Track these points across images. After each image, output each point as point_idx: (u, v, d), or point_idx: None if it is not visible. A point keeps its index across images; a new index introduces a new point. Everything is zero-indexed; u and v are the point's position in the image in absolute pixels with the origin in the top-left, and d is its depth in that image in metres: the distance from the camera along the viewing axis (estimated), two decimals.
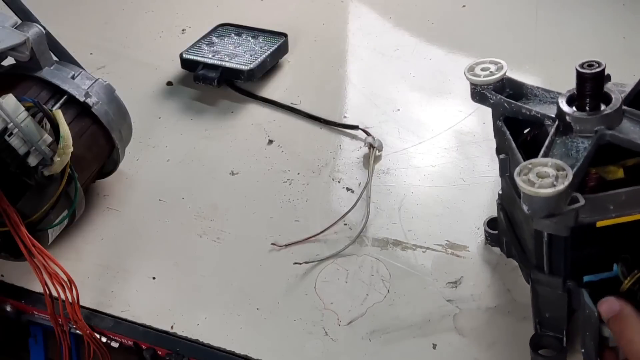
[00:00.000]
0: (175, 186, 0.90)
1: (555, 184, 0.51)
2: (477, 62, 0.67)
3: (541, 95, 0.64)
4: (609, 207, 0.54)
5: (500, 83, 0.65)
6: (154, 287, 0.79)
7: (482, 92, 0.65)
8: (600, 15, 1.09)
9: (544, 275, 0.61)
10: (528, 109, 0.61)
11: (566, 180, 0.51)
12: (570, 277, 0.60)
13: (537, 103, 0.64)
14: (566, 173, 0.51)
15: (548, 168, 0.52)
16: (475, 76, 0.65)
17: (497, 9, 1.13)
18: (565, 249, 0.58)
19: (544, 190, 0.51)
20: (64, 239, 0.83)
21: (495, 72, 0.65)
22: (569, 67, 1.00)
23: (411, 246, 0.80)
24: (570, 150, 0.56)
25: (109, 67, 1.09)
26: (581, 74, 0.56)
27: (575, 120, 0.56)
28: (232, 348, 0.73)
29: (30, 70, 0.79)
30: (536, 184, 0.51)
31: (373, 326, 0.73)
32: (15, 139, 0.70)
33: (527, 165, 0.53)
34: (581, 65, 0.56)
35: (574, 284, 0.60)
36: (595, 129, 0.56)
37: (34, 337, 0.84)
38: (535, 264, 0.62)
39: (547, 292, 0.62)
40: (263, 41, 1.05)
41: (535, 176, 0.52)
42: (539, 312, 0.65)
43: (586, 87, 0.56)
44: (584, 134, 0.56)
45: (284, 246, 0.80)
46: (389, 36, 1.11)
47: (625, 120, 0.57)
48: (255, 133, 0.97)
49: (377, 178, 0.88)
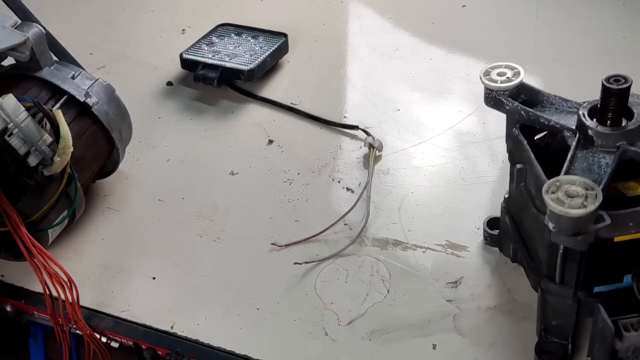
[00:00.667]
0: (175, 186, 0.90)
1: (586, 204, 0.50)
2: (492, 65, 0.66)
3: (558, 103, 0.63)
4: (629, 223, 0.54)
5: (516, 89, 0.64)
6: (154, 287, 0.79)
7: (497, 97, 0.64)
8: (600, 16, 1.09)
9: (554, 285, 0.61)
10: (547, 119, 0.61)
11: (596, 200, 0.50)
12: (581, 288, 0.59)
13: (553, 111, 0.63)
14: (595, 193, 0.51)
15: (577, 187, 0.51)
16: (492, 81, 0.64)
17: (497, 9, 1.13)
18: (580, 261, 0.58)
19: (575, 211, 0.50)
20: (64, 239, 0.83)
21: (512, 78, 0.64)
22: (569, 67, 1.01)
23: (411, 246, 0.80)
24: (592, 165, 0.56)
25: (109, 67, 1.09)
26: (607, 89, 0.56)
27: (598, 135, 0.56)
28: (232, 348, 0.73)
29: (30, 70, 0.79)
30: (566, 204, 0.50)
31: (373, 326, 0.73)
32: (15, 139, 0.70)
33: (555, 182, 0.52)
34: (607, 79, 0.56)
35: (584, 294, 0.60)
36: (617, 144, 0.56)
37: (34, 337, 0.84)
38: (546, 274, 0.61)
39: (557, 302, 0.62)
40: (263, 41, 1.05)
41: (564, 195, 0.51)
42: (546, 320, 0.65)
43: (611, 102, 0.56)
44: (606, 148, 0.56)
45: (284, 246, 0.80)
46: (389, 36, 1.11)
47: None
48: (255, 133, 0.97)
49: (377, 178, 0.88)
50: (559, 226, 0.52)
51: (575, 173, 0.55)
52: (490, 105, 0.65)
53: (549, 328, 0.65)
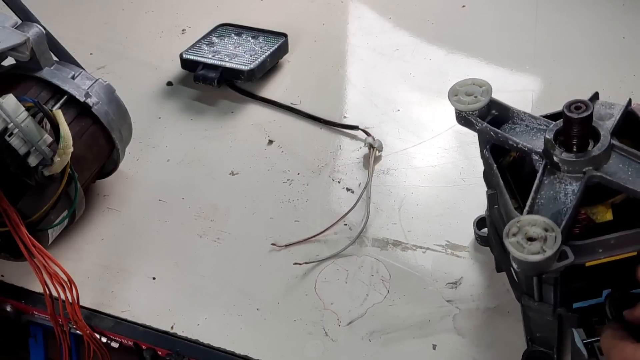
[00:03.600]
0: (175, 186, 0.90)
1: (545, 248, 0.50)
2: (460, 83, 0.64)
3: (528, 120, 0.62)
4: (598, 250, 0.54)
5: (485, 107, 0.62)
6: (154, 287, 0.79)
7: (467, 117, 0.63)
8: (600, 16, 1.09)
9: (534, 303, 0.61)
10: (515, 141, 0.59)
11: (555, 244, 0.50)
12: (560, 305, 0.59)
13: (523, 128, 0.62)
14: (555, 235, 0.50)
15: (537, 228, 0.51)
16: (460, 102, 0.63)
17: (497, 9, 1.13)
18: (555, 284, 0.58)
19: (533, 257, 0.50)
20: (64, 239, 0.83)
21: (480, 98, 0.62)
22: (569, 67, 1.01)
23: (411, 246, 0.80)
24: (559, 193, 0.55)
25: (109, 67, 1.09)
26: (569, 118, 0.54)
27: (563, 162, 0.55)
28: (232, 348, 0.73)
29: (30, 70, 0.79)
30: (525, 249, 0.50)
31: (373, 326, 0.73)
32: (16, 139, 0.70)
33: (516, 223, 0.52)
34: (568, 107, 0.54)
35: (564, 310, 0.60)
36: (583, 170, 0.55)
37: (34, 337, 0.84)
38: (525, 291, 0.61)
39: (538, 317, 0.62)
40: (263, 41, 1.05)
41: (523, 239, 0.51)
42: (530, 332, 0.65)
43: (573, 129, 0.55)
44: (572, 174, 0.55)
45: (284, 246, 0.80)
46: (389, 36, 1.11)
47: (614, 156, 0.56)
48: (255, 133, 0.96)
49: (377, 178, 0.88)
50: (521, 267, 0.52)
51: (541, 202, 0.55)
52: (461, 124, 0.64)
53: (534, 338, 0.66)
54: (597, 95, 0.61)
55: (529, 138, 0.60)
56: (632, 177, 0.54)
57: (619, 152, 0.56)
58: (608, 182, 0.54)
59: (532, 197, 0.55)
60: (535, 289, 0.59)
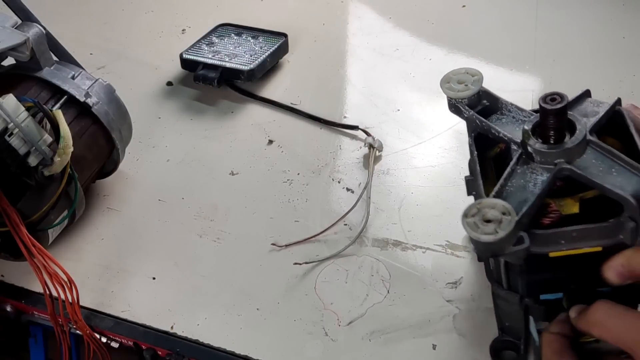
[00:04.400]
0: (175, 186, 0.90)
1: (498, 230, 0.51)
2: (454, 72, 0.65)
3: (515, 112, 0.62)
4: (561, 241, 0.54)
5: (476, 96, 0.63)
6: (154, 287, 0.79)
7: (456, 104, 0.64)
8: (600, 16, 1.09)
9: (503, 291, 0.62)
10: (497, 130, 0.60)
11: (508, 227, 0.51)
12: (527, 295, 0.60)
13: (510, 119, 0.62)
14: (510, 219, 0.51)
15: (495, 211, 0.52)
16: (451, 90, 0.64)
17: (497, 9, 1.13)
18: (520, 273, 0.58)
19: (485, 237, 0.51)
20: (64, 239, 0.83)
21: (470, 87, 0.63)
22: (569, 67, 1.01)
23: (411, 246, 0.80)
24: (528, 182, 0.55)
25: (109, 67, 1.09)
26: (544, 109, 0.55)
27: (537, 152, 0.56)
28: (232, 348, 0.73)
29: (30, 70, 0.79)
30: (479, 229, 0.51)
31: (373, 326, 0.73)
32: (16, 139, 0.70)
33: (476, 205, 0.53)
34: (544, 99, 0.55)
35: (531, 301, 0.60)
36: (555, 162, 0.55)
37: (34, 337, 0.84)
38: (496, 279, 0.62)
39: (507, 306, 0.63)
40: (263, 41, 1.05)
41: (480, 220, 0.52)
42: (500, 321, 0.66)
43: (549, 121, 0.55)
44: (545, 165, 0.56)
45: (284, 246, 0.80)
46: (389, 36, 1.11)
47: (590, 151, 0.56)
48: (255, 133, 0.97)
49: (377, 178, 0.88)
50: (477, 248, 0.53)
51: (510, 190, 0.55)
52: (452, 111, 0.65)
53: (504, 328, 0.66)
54: (589, 92, 0.62)
55: (512, 129, 0.60)
56: (602, 172, 0.54)
57: (595, 148, 0.56)
58: (577, 176, 0.54)
59: (500, 184, 0.55)
60: (503, 277, 0.60)
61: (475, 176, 0.60)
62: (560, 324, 0.57)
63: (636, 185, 0.53)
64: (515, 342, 0.66)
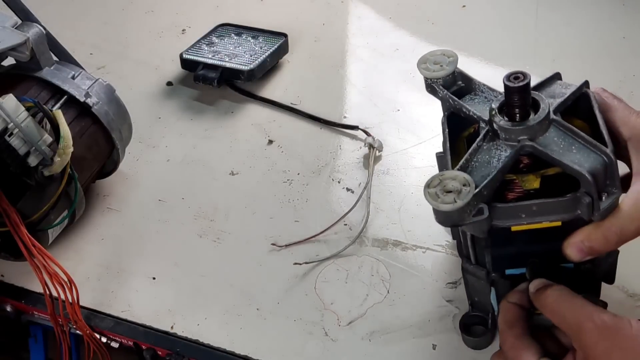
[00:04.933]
0: (175, 186, 0.90)
1: (456, 200, 0.53)
2: (431, 53, 0.67)
3: (487, 92, 0.65)
4: (521, 215, 0.56)
5: (451, 77, 0.65)
6: (154, 287, 0.79)
7: (432, 84, 0.66)
8: (600, 15, 1.09)
9: (471, 266, 0.64)
10: (467, 109, 0.62)
11: (466, 197, 0.53)
12: (493, 270, 0.62)
13: (482, 100, 0.64)
14: (469, 190, 0.53)
15: (455, 182, 0.54)
16: (427, 70, 0.66)
17: (497, 9, 1.13)
18: (486, 247, 0.61)
19: (444, 206, 0.53)
20: (64, 239, 0.83)
21: (445, 67, 0.65)
22: (569, 67, 1.01)
23: (411, 246, 0.80)
24: (493, 158, 0.57)
25: (109, 67, 1.09)
26: (507, 87, 0.57)
27: (501, 129, 0.57)
28: (232, 348, 0.73)
29: (30, 70, 0.79)
30: (439, 199, 0.53)
31: (373, 326, 0.73)
32: (16, 139, 0.70)
33: (439, 177, 0.55)
34: (508, 77, 0.57)
35: (498, 276, 0.62)
36: (518, 139, 0.57)
37: (34, 337, 0.84)
38: (465, 254, 0.65)
39: (475, 280, 0.65)
40: (263, 41, 1.05)
41: (441, 190, 0.54)
42: (470, 296, 0.69)
43: (513, 98, 0.57)
44: (509, 142, 0.57)
45: (284, 246, 0.80)
46: (389, 36, 1.11)
47: (553, 129, 0.57)
48: (255, 133, 0.97)
49: (377, 178, 0.88)
50: (438, 217, 0.55)
51: (475, 165, 0.57)
52: (429, 91, 0.67)
53: (474, 303, 0.69)
54: (559, 75, 0.64)
55: (483, 108, 0.62)
56: (562, 150, 0.56)
57: (558, 127, 0.58)
58: (538, 152, 0.56)
59: (466, 158, 0.57)
60: (470, 252, 0.63)
61: (445, 152, 0.62)
62: (518, 294, 0.60)
63: (593, 162, 0.55)
64: (484, 317, 0.68)
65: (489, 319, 0.68)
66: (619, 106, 0.60)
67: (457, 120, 0.64)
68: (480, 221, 0.55)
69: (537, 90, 0.61)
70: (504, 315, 0.59)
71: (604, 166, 0.55)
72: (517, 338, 0.57)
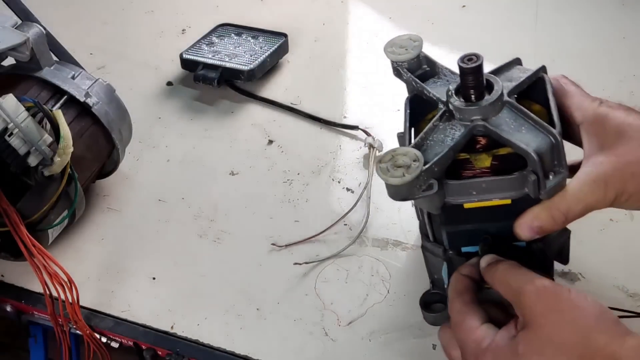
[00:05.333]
0: (175, 186, 0.90)
1: (405, 174, 0.55)
2: (397, 37, 0.69)
3: (449, 76, 0.67)
4: (472, 192, 0.58)
5: (416, 60, 0.67)
6: (154, 287, 0.79)
7: (397, 68, 0.67)
8: (600, 16, 1.09)
9: (429, 243, 0.66)
10: (428, 91, 0.64)
11: (415, 172, 0.55)
12: (449, 247, 0.64)
13: (444, 83, 0.66)
14: (418, 165, 0.55)
15: (406, 158, 0.56)
16: (393, 53, 0.68)
17: (497, 9, 1.13)
18: (441, 224, 0.62)
19: (392, 179, 0.55)
20: (64, 239, 0.83)
21: (410, 51, 0.67)
22: (569, 67, 1.00)
23: (411, 246, 0.80)
24: (447, 137, 0.59)
25: (109, 67, 1.09)
26: (461, 68, 0.59)
27: (456, 109, 0.59)
28: (232, 348, 0.73)
29: (30, 70, 0.79)
30: (389, 173, 0.55)
31: (373, 326, 0.73)
32: (16, 139, 0.70)
33: (391, 152, 0.57)
34: (462, 59, 0.59)
35: (454, 253, 0.64)
36: (472, 119, 0.59)
37: (34, 337, 0.84)
38: (425, 232, 0.66)
39: (433, 258, 0.67)
40: (263, 41, 1.05)
41: (392, 165, 0.56)
42: (430, 274, 0.70)
43: (467, 79, 0.59)
44: (463, 122, 0.59)
45: (284, 246, 0.80)
46: (389, 36, 1.10)
47: (505, 111, 0.59)
48: (255, 133, 0.97)
49: (377, 178, 0.87)
50: (389, 192, 0.57)
51: (430, 144, 0.59)
52: (395, 75, 0.69)
53: (434, 281, 0.70)
54: (519, 60, 0.66)
55: (443, 91, 0.63)
56: (512, 130, 0.58)
57: (510, 108, 0.59)
58: (489, 132, 0.58)
59: (421, 137, 0.59)
60: (428, 228, 0.65)
61: (405, 132, 0.64)
62: (469, 267, 0.61)
63: (540, 142, 0.57)
64: (444, 295, 0.69)
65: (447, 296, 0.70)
66: (575, 92, 0.62)
67: (422, 103, 0.66)
68: (432, 196, 0.57)
69: (496, 74, 0.63)
70: (455, 285, 0.61)
71: (550, 146, 0.57)
72: (464, 305, 0.59)
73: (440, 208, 0.59)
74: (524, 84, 0.62)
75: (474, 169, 0.59)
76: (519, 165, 0.57)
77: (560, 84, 0.63)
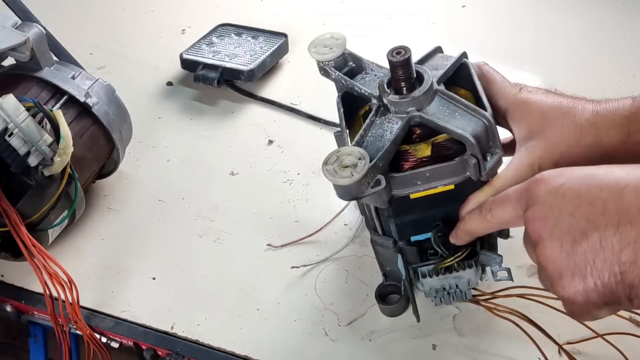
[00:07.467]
0: (175, 186, 0.90)
1: (353, 174, 0.55)
2: (320, 37, 0.69)
3: (377, 71, 0.68)
4: (417, 182, 0.59)
5: (341, 58, 0.68)
6: (154, 287, 0.79)
7: (324, 67, 0.68)
8: (600, 16, 1.09)
9: (378, 237, 0.67)
10: (359, 87, 0.65)
11: (362, 170, 0.55)
12: (399, 238, 0.65)
13: (372, 78, 0.67)
14: (364, 162, 0.56)
15: (351, 157, 0.57)
16: (317, 53, 0.68)
17: (497, 9, 1.13)
18: (389, 217, 0.63)
19: (342, 180, 0.56)
20: (64, 239, 0.83)
21: (334, 49, 0.68)
22: (569, 67, 1.01)
23: None
24: (385, 132, 0.60)
25: (109, 67, 1.09)
26: (391, 62, 0.60)
27: (391, 103, 0.60)
28: (232, 348, 0.73)
29: (30, 70, 0.79)
30: (337, 174, 0.56)
31: (373, 327, 0.73)
32: (16, 139, 0.70)
33: (335, 153, 0.57)
34: (391, 52, 0.60)
35: (404, 243, 0.65)
36: (407, 111, 0.60)
37: (34, 337, 0.84)
38: (373, 227, 0.67)
39: (384, 251, 0.68)
40: (263, 41, 1.05)
41: (338, 166, 0.56)
42: (382, 267, 0.71)
43: (398, 72, 0.60)
44: (399, 114, 0.60)
45: (280, 246, 0.80)
46: (389, 36, 1.11)
47: (437, 99, 0.61)
48: (255, 133, 0.97)
49: None
50: (338, 192, 0.58)
51: (370, 140, 0.60)
52: (322, 74, 0.70)
53: (387, 273, 0.72)
54: (440, 49, 0.68)
55: (374, 86, 0.65)
56: (447, 117, 0.59)
57: (441, 96, 0.61)
58: (426, 121, 0.59)
59: (360, 134, 0.60)
60: (376, 223, 0.65)
61: (342, 131, 0.65)
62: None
63: (475, 126, 0.58)
64: (397, 285, 0.71)
65: (401, 286, 0.71)
66: (496, 78, 0.64)
67: (353, 100, 0.66)
68: (380, 192, 0.58)
69: (421, 64, 0.64)
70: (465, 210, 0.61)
71: (484, 128, 0.58)
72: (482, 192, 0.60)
73: (387, 202, 0.60)
74: (450, 70, 0.64)
75: (414, 159, 0.60)
76: (456, 150, 0.59)
77: (483, 71, 0.65)
